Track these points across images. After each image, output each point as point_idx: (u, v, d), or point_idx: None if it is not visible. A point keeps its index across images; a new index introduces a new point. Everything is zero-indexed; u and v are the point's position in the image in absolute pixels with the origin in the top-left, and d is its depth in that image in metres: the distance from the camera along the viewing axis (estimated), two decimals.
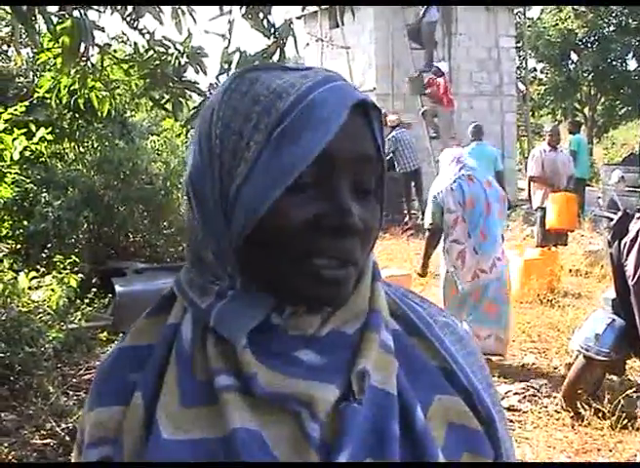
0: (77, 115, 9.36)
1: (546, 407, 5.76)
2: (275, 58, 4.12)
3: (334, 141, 0.91)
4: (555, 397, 5.84)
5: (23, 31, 3.85)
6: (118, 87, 5.09)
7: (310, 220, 0.92)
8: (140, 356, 1.02)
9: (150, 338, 1.04)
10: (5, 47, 10.47)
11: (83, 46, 3.86)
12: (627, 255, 5.08)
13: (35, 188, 8.01)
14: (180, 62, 4.39)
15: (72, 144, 9.69)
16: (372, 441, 0.93)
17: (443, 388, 1.03)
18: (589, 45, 29.85)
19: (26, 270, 5.78)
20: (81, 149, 9.78)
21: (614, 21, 29.32)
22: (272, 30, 4.09)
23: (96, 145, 9.72)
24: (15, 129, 5.91)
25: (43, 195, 7.99)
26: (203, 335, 0.97)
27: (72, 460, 1.11)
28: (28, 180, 7.84)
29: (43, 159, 8.86)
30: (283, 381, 0.93)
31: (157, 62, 4.43)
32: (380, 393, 0.97)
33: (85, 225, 8.78)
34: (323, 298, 0.96)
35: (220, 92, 0.99)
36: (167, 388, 0.95)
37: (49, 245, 7.56)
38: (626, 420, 5.26)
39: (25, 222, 7.86)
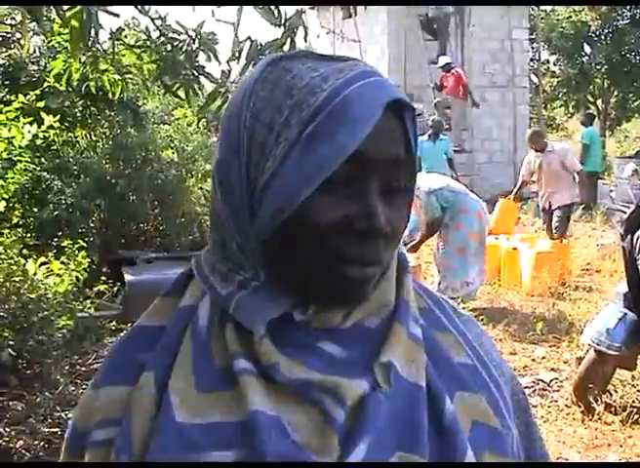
0: (89, 103, 9.36)
1: (556, 401, 5.75)
2: (286, 48, 4.10)
3: (366, 141, 0.88)
4: (566, 391, 5.82)
5: (33, 20, 3.83)
6: (130, 72, 5.06)
7: (339, 222, 0.91)
8: (150, 336, 1.00)
9: (162, 319, 1.02)
10: (18, 35, 10.47)
11: (93, 31, 3.85)
12: None
13: (47, 176, 8.01)
14: (191, 48, 4.37)
15: (84, 132, 9.69)
16: (403, 434, 0.93)
17: (465, 385, 1.02)
18: (603, 37, 29.72)
19: (35, 256, 5.77)
20: (93, 137, 9.78)
21: (628, 14, 29.17)
22: (283, 20, 4.05)
23: (108, 133, 9.72)
24: (21, 117, 5.87)
25: (55, 183, 7.99)
26: (221, 320, 0.96)
27: (65, 444, 1.07)
28: (40, 168, 7.84)
29: (55, 147, 8.86)
30: (305, 371, 0.92)
31: (169, 48, 4.41)
32: (410, 386, 0.96)
33: (96, 213, 8.79)
34: (345, 297, 0.96)
35: (250, 79, 0.96)
36: (180, 371, 0.94)
37: (59, 233, 7.55)
38: (637, 415, 5.24)
39: (36, 210, 7.86)
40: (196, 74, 4.46)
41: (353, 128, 0.88)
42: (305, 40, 4.39)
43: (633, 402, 5.53)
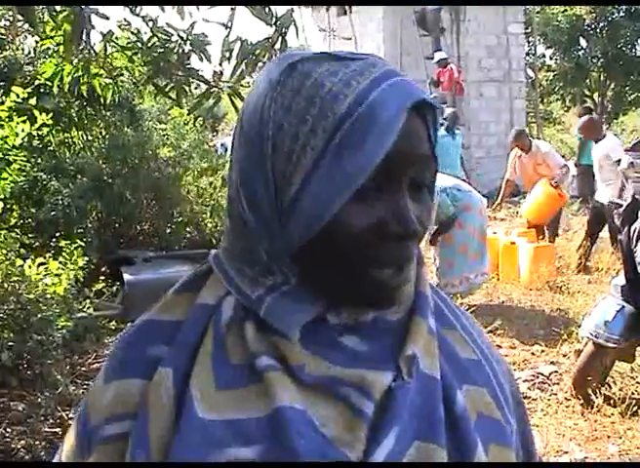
0: (85, 103, 9.35)
1: (556, 394, 5.75)
2: (277, 46, 4.10)
3: (393, 145, 0.88)
4: (565, 384, 5.82)
5: (25, 21, 3.85)
6: (122, 74, 5.06)
7: (372, 227, 0.91)
8: (164, 331, 0.99)
9: (179, 315, 1.00)
10: (12, 36, 10.47)
11: (85, 34, 3.85)
12: (637, 241, 5.05)
13: (44, 177, 8.00)
14: (183, 50, 4.37)
15: (80, 132, 9.67)
16: (421, 425, 0.94)
17: (470, 379, 1.03)
18: (598, 31, 29.68)
19: (33, 257, 5.77)
20: (89, 137, 9.77)
21: (622, 7, 29.13)
22: (274, 19, 4.06)
23: (104, 133, 9.71)
24: (15, 116, 5.86)
25: (52, 183, 7.99)
26: (242, 320, 0.96)
27: (67, 438, 1.06)
28: (37, 169, 7.83)
29: (51, 148, 8.85)
30: (330, 367, 0.93)
31: (160, 50, 4.41)
32: (428, 378, 0.97)
33: (94, 213, 8.79)
34: (382, 303, 0.97)
35: (267, 84, 0.94)
36: (201, 368, 0.93)
37: (57, 233, 7.55)
38: (636, 407, 5.25)
39: (34, 211, 7.85)
40: (187, 75, 4.46)
41: (381, 135, 0.88)
42: (297, 37, 4.40)
43: (632, 394, 5.54)
